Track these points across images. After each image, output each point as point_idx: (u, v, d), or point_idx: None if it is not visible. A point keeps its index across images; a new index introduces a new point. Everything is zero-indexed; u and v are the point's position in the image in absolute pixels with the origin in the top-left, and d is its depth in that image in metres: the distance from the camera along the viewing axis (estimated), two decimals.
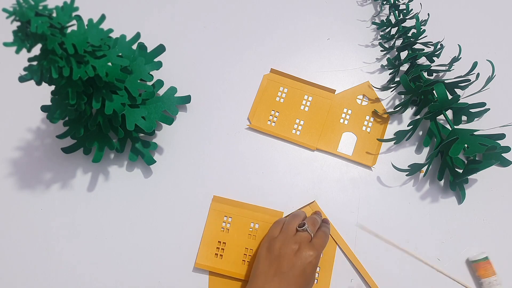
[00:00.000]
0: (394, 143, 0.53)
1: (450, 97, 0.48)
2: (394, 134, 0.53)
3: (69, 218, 0.53)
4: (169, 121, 0.52)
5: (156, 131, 0.55)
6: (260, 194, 0.53)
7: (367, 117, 0.55)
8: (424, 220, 0.51)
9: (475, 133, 0.48)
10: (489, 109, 0.51)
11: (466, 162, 0.51)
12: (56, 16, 0.37)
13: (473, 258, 0.48)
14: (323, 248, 0.45)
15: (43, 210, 0.53)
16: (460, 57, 0.53)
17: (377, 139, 0.54)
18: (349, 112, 0.56)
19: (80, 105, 0.43)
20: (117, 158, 0.55)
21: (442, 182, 0.52)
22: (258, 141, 0.55)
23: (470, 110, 0.51)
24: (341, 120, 0.55)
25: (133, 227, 0.52)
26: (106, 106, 0.44)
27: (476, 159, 0.51)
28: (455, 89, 0.53)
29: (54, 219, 0.53)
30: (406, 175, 0.52)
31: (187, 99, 0.55)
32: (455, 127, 0.51)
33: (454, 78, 0.52)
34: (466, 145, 0.46)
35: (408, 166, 0.50)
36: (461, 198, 0.51)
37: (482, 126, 0.53)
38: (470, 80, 0.51)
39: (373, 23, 0.60)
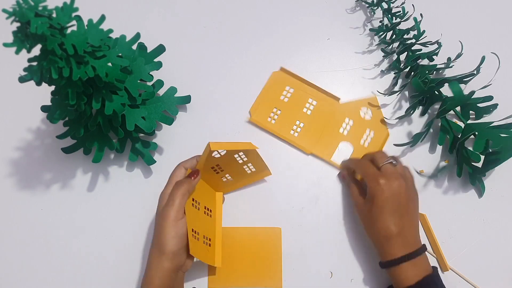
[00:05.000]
0: (410, 146, 0.53)
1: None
2: (411, 138, 0.53)
3: (69, 218, 0.53)
4: (169, 121, 0.52)
5: (156, 131, 0.55)
6: (260, 194, 0.53)
7: (367, 131, 0.55)
8: None
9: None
10: (497, 104, 0.51)
11: (480, 156, 0.50)
12: (56, 17, 0.37)
13: None
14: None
15: (43, 210, 0.53)
16: (462, 53, 0.53)
17: (394, 144, 0.53)
18: (351, 123, 0.55)
19: (80, 105, 0.43)
20: (117, 158, 0.55)
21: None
22: (258, 141, 0.55)
23: (477, 105, 0.52)
24: (341, 130, 0.55)
25: (133, 227, 0.52)
26: (106, 106, 0.44)
27: (491, 150, 0.50)
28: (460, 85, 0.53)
29: (54, 219, 0.53)
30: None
31: (187, 99, 0.55)
32: (467, 122, 0.51)
33: (459, 74, 0.52)
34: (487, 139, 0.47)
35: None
36: (481, 191, 0.52)
37: (489, 118, 0.53)
38: (475, 74, 0.51)
39: (371, 29, 0.59)
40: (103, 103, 0.44)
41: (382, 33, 0.57)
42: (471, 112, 0.53)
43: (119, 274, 0.50)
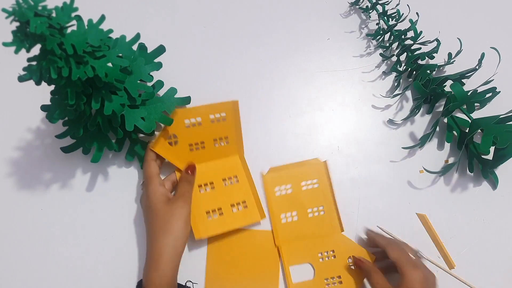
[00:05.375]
0: (419, 147, 0.54)
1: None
2: (419, 139, 0.53)
3: (69, 218, 0.53)
4: (169, 122, 0.52)
5: (155, 132, 0.55)
6: (259, 193, 0.53)
7: (337, 277, 0.49)
8: None
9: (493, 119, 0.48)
10: (499, 92, 0.51)
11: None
12: (56, 17, 0.37)
13: None
14: None
15: (43, 210, 0.53)
16: (462, 49, 0.53)
17: (402, 147, 0.53)
18: (333, 257, 0.49)
19: (79, 105, 0.43)
20: (117, 158, 0.55)
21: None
22: (259, 140, 0.55)
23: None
24: (320, 254, 0.49)
25: (133, 227, 0.52)
26: (105, 106, 0.44)
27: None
28: (461, 80, 0.54)
29: (54, 219, 0.53)
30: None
31: (187, 100, 0.55)
32: (473, 117, 0.51)
33: (460, 70, 0.53)
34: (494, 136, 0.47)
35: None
36: (495, 183, 0.52)
37: (495, 111, 0.52)
38: (477, 69, 0.52)
39: (367, 35, 0.59)
40: (103, 103, 0.44)
41: (379, 36, 0.57)
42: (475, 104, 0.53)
43: (119, 274, 0.50)
